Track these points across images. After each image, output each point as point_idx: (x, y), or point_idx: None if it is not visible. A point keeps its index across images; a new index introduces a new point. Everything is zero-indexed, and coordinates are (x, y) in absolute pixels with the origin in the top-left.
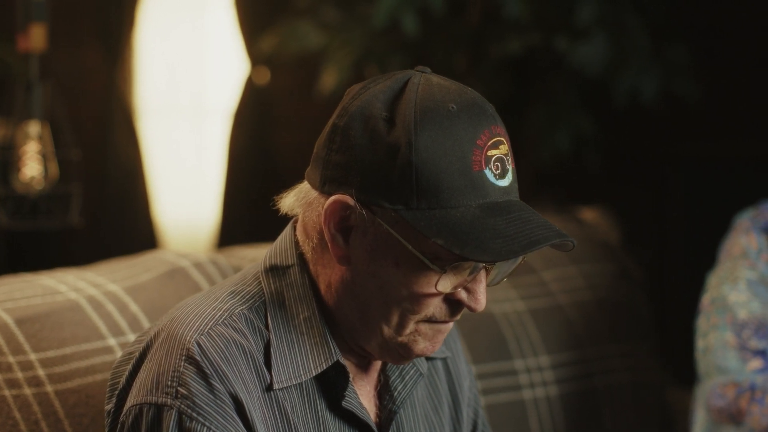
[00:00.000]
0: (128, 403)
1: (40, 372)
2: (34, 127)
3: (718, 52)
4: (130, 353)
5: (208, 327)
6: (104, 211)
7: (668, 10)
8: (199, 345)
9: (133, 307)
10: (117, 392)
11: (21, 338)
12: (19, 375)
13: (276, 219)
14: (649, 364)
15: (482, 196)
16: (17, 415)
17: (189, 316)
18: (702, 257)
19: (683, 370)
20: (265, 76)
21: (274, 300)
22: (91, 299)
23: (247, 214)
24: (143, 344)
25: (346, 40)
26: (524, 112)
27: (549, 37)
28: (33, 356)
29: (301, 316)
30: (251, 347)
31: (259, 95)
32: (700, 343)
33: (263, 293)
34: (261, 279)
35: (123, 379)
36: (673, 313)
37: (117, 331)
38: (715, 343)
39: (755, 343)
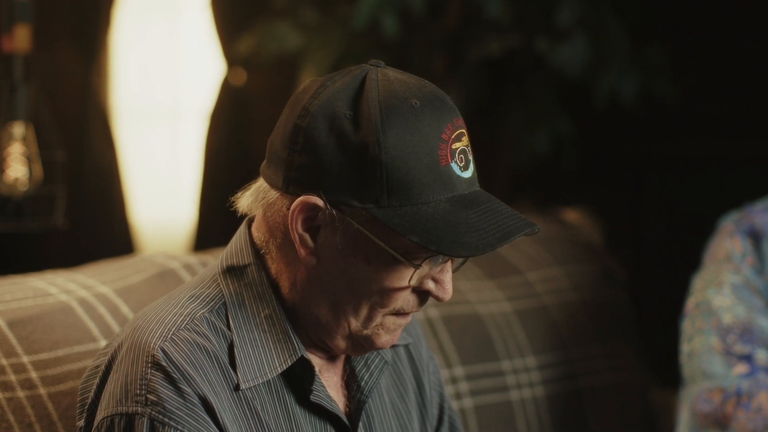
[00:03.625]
0: (99, 416)
1: (33, 374)
2: (18, 129)
3: (695, 52)
4: (96, 366)
5: (171, 333)
6: (80, 212)
7: (646, 11)
8: (163, 351)
9: (125, 309)
10: (87, 407)
11: (13, 340)
12: (12, 377)
13: None
14: (632, 364)
15: (450, 189)
16: (11, 418)
17: (151, 323)
18: (678, 257)
19: (661, 369)
20: (241, 78)
21: (233, 300)
22: (82, 301)
23: (223, 215)
24: (108, 356)
25: (325, 42)
26: (502, 114)
27: (529, 38)
28: (26, 358)
29: (262, 314)
30: (215, 349)
31: (235, 96)
32: (684, 347)
33: (222, 295)
34: (219, 281)
35: (92, 394)
36: (649, 313)
37: (109, 333)
38: (701, 347)
39: (740, 348)
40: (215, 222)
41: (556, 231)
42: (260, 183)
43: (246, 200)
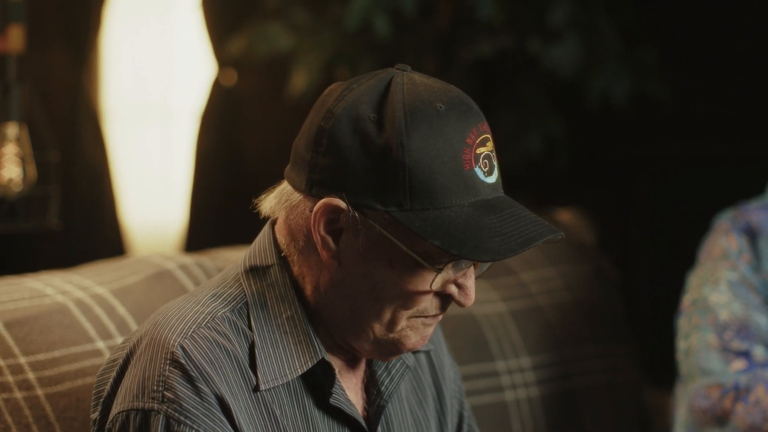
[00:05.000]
0: (114, 410)
1: (30, 375)
2: (12, 129)
3: (688, 53)
4: (114, 360)
5: (192, 330)
6: (71, 213)
7: (638, 12)
8: (183, 348)
9: (121, 310)
10: (102, 400)
11: (10, 341)
12: (10, 378)
13: (244, 221)
14: (626, 364)
15: (474, 194)
16: (9, 419)
17: (171, 320)
18: (670, 258)
19: (654, 369)
20: (232, 78)
21: (255, 301)
22: (79, 302)
23: (214, 216)
24: (126, 351)
25: (316, 42)
26: (494, 115)
27: (521, 39)
28: (23, 359)
29: (284, 316)
30: (235, 349)
31: (226, 97)
32: (681, 344)
33: (245, 295)
34: (241, 280)
35: (108, 387)
36: (641, 312)
37: (105, 334)
38: (698, 344)
39: (738, 345)
40: (207, 222)
41: None
42: (284, 185)
43: (269, 202)
